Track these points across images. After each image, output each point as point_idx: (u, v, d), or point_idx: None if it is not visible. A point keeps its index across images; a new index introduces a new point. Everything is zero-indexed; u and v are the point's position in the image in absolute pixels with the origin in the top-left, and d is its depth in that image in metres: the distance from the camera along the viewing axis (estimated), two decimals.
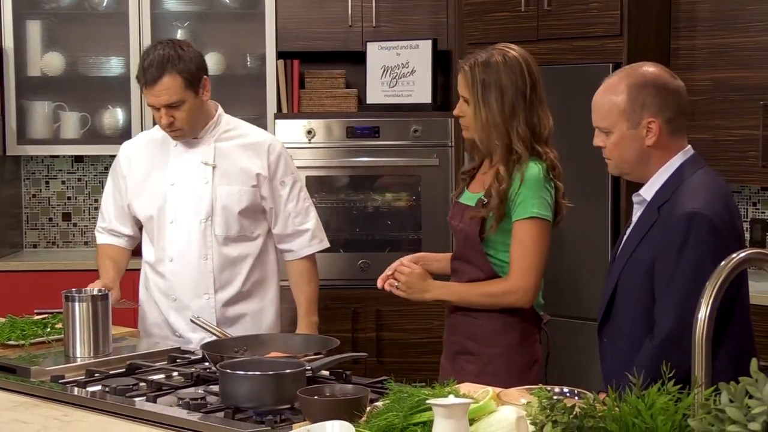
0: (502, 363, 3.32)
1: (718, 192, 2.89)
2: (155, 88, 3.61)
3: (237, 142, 3.81)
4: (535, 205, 3.28)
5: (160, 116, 3.64)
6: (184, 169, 3.75)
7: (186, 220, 3.73)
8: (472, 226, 3.34)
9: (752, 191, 5.25)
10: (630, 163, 2.96)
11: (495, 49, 3.38)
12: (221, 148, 3.77)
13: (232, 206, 3.73)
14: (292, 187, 3.84)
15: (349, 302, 5.42)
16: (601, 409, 1.96)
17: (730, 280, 2.04)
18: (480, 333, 3.35)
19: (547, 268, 3.27)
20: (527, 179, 3.28)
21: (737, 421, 1.65)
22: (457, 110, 3.43)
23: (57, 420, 2.68)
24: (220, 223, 3.73)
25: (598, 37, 4.92)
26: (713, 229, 2.78)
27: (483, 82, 3.32)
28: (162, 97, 3.61)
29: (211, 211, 3.72)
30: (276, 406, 2.57)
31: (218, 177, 3.74)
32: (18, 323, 3.44)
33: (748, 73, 4.86)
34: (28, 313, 3.67)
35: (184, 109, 3.65)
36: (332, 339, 3.06)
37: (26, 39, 5.80)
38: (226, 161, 3.76)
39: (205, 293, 3.73)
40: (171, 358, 3.21)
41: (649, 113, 2.89)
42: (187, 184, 3.74)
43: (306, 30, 5.71)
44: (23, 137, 5.76)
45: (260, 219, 3.81)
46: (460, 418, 2.02)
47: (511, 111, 3.30)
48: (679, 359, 2.54)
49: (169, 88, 3.62)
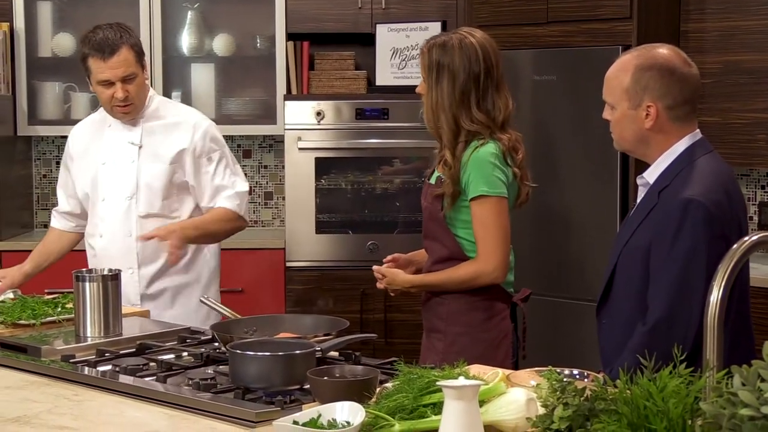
0: (467, 341, 3.40)
1: (719, 179, 2.87)
2: (113, 60, 3.72)
3: (163, 122, 3.90)
4: (483, 183, 3.33)
5: (114, 91, 3.74)
6: (115, 148, 3.88)
7: (114, 197, 3.86)
8: (435, 205, 3.42)
9: (761, 174, 5.23)
10: (629, 141, 2.95)
11: (456, 33, 3.46)
12: (149, 127, 3.88)
13: (154, 184, 3.83)
14: (218, 163, 3.89)
15: (358, 283, 5.41)
16: (613, 392, 1.95)
17: (742, 263, 2.03)
18: (446, 312, 3.45)
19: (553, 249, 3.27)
20: (475, 159, 3.34)
21: (750, 404, 1.63)
22: (418, 88, 3.49)
23: (67, 399, 2.67)
24: (143, 201, 3.83)
25: (608, 19, 4.89)
26: (709, 216, 2.76)
27: (438, 64, 3.39)
28: (119, 69, 3.73)
29: (136, 189, 3.83)
30: (285, 387, 2.56)
31: (143, 156, 3.85)
32: (29, 303, 3.43)
33: (758, 56, 4.84)
34: (39, 293, 3.67)
35: (137, 83, 3.78)
36: (342, 320, 3.05)
37: (37, 20, 5.79)
38: (153, 140, 3.86)
39: (129, 268, 3.81)
40: (181, 339, 3.21)
41: (650, 97, 2.87)
42: (116, 163, 3.86)
43: (316, 12, 5.69)
44: (34, 118, 5.77)
45: (184, 197, 3.89)
46: (471, 400, 2.00)
47: (461, 95, 3.36)
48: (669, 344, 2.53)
49: (126, 60, 3.73)
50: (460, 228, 3.40)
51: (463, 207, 3.37)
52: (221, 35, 5.81)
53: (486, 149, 3.34)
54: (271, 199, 6.12)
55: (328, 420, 2.23)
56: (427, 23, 5.58)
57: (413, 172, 5.57)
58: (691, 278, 2.75)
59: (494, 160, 3.34)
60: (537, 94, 5.11)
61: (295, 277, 5.53)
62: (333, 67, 5.75)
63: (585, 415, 1.92)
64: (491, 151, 3.34)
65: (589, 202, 4.98)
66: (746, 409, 1.63)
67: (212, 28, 5.86)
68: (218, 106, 5.85)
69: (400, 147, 5.58)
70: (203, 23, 5.85)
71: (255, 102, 5.88)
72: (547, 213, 5.01)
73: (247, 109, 5.88)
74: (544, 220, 5.04)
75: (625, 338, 2.84)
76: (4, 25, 5.65)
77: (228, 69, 5.89)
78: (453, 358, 2.61)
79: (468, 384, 2.02)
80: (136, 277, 3.84)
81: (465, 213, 3.38)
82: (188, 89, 5.81)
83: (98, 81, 3.75)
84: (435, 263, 3.48)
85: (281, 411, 2.44)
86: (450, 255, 3.43)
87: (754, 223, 5.23)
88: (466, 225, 3.39)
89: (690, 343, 2.67)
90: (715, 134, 4.82)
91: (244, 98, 5.89)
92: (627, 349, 2.80)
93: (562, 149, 5.05)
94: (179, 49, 5.82)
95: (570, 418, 1.92)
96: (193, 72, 5.83)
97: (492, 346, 3.41)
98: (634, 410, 1.86)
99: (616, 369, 2.63)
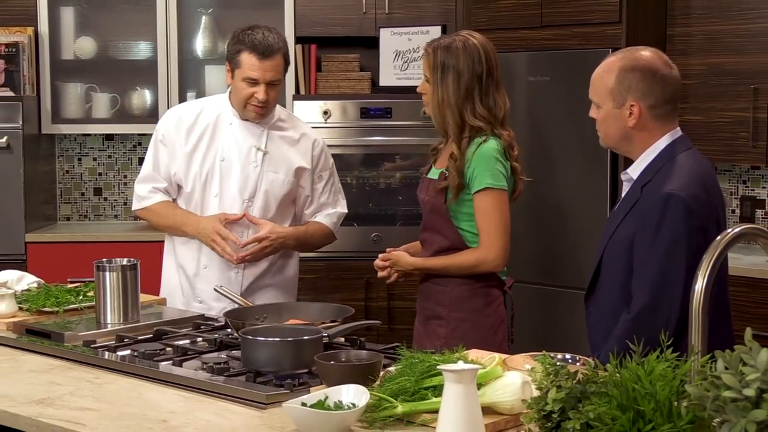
0: (469, 326, 3.41)
1: (697, 174, 2.86)
2: (268, 62, 3.60)
3: (286, 133, 3.77)
4: (489, 176, 3.35)
5: (256, 91, 3.61)
6: (237, 148, 3.71)
7: (230, 196, 3.70)
8: (438, 198, 3.42)
9: (742, 170, 5.22)
10: (613, 138, 2.95)
11: (458, 36, 3.47)
12: (273, 136, 3.75)
13: (275, 192, 3.71)
14: (327, 181, 3.84)
15: (363, 273, 5.40)
16: (603, 375, 1.95)
17: (725, 253, 2.02)
18: (448, 299, 3.44)
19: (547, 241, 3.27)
20: (480, 154, 3.36)
21: (732, 387, 1.63)
22: (420, 88, 3.51)
23: (89, 382, 2.68)
24: (259, 205, 3.70)
25: (598, 23, 4.89)
26: (688, 210, 2.76)
27: (443, 64, 3.41)
28: (270, 73, 3.61)
29: (255, 192, 3.70)
30: (294, 371, 2.56)
31: (267, 163, 3.71)
32: (52, 291, 3.43)
33: (739, 58, 4.83)
34: (62, 282, 3.67)
35: (278, 89, 3.67)
36: (347, 307, 3.05)
37: (60, 25, 5.78)
38: (276, 150, 3.73)
39: (236, 268, 3.70)
40: (195, 325, 3.21)
41: (633, 97, 2.87)
42: (237, 163, 3.70)
43: (323, 16, 5.68)
44: (57, 117, 5.76)
45: (290, 208, 3.79)
46: (469, 383, 2.00)
47: (466, 93, 3.39)
48: (652, 331, 2.54)
49: (278, 65, 3.63)
50: (463, 221, 3.41)
51: (466, 200, 3.38)
52: None
53: (489, 145, 3.36)
54: None
55: (335, 402, 2.24)
56: (428, 27, 5.57)
57: (414, 167, 5.56)
58: (672, 268, 2.75)
59: (497, 155, 3.37)
60: (532, 94, 5.11)
61: (303, 267, 5.49)
62: (339, 69, 5.74)
63: (577, 397, 1.92)
64: (494, 146, 3.37)
65: (581, 196, 4.97)
66: (729, 391, 1.63)
67: (225, 32, 5.84)
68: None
69: (403, 144, 5.57)
70: (216, 27, 5.85)
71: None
72: (541, 206, 5.01)
73: None
74: (539, 212, 5.04)
75: (611, 325, 2.84)
76: (29, 29, 5.65)
77: None
78: (455, 343, 2.62)
79: (467, 368, 2.02)
80: (240, 276, 3.71)
81: (468, 206, 3.39)
82: (202, 89, 5.80)
83: (246, 77, 3.60)
84: (435, 253, 3.48)
85: (290, 393, 2.44)
86: (451, 245, 3.43)
87: (736, 216, 5.22)
88: (469, 218, 3.40)
89: (672, 329, 2.67)
90: (700, 132, 4.82)
91: None
92: (612, 336, 2.80)
93: (555, 146, 5.04)
94: (194, 51, 5.81)
95: (563, 400, 1.92)
96: (207, 73, 5.82)
97: (491, 331, 3.42)
98: (624, 392, 1.86)
99: (603, 354, 2.64)
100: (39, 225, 5.70)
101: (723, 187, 5.12)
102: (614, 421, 1.82)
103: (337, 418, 2.17)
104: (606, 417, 1.83)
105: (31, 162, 5.58)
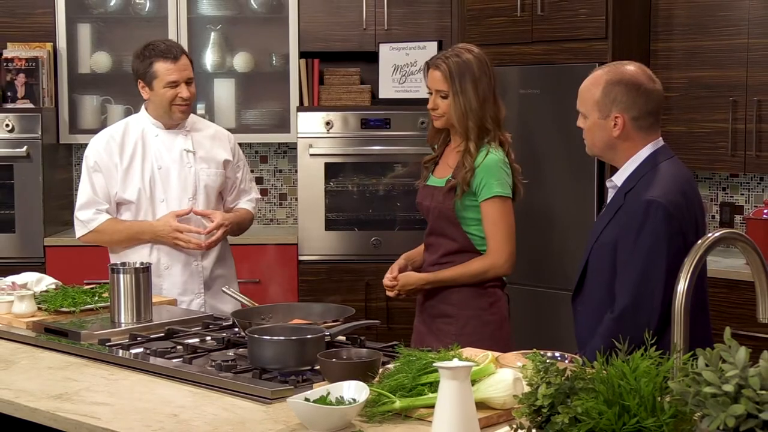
0: (477, 323, 3.41)
1: (677, 182, 2.86)
2: (180, 63, 3.76)
3: (205, 133, 3.93)
4: (496, 185, 3.37)
5: (179, 91, 3.75)
6: (170, 154, 3.83)
7: (175, 198, 3.81)
8: (446, 203, 3.42)
9: (722, 177, 5.22)
10: (599, 147, 2.95)
11: (460, 49, 3.48)
12: (195, 137, 3.90)
13: (212, 185, 3.87)
14: (243, 170, 4.01)
15: (363, 275, 5.40)
16: (590, 372, 1.94)
17: (706, 256, 2.02)
18: (456, 299, 3.43)
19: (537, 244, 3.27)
20: (487, 165, 3.37)
21: (712, 383, 1.62)
22: (431, 103, 3.49)
23: (104, 378, 2.67)
24: (202, 200, 3.84)
25: (586, 39, 4.89)
26: (668, 215, 2.76)
27: (460, 74, 3.40)
28: (185, 72, 3.77)
29: (196, 189, 3.83)
30: (298, 368, 2.55)
31: (198, 162, 3.86)
32: (69, 292, 3.43)
33: (718, 72, 4.84)
34: (79, 284, 3.66)
35: (194, 86, 3.83)
36: (348, 308, 3.05)
37: (77, 40, 5.78)
38: (202, 149, 3.88)
39: (195, 261, 3.82)
40: (205, 324, 3.20)
41: (618, 108, 2.87)
42: (173, 167, 3.83)
43: (325, 32, 5.69)
44: (74, 127, 5.76)
45: (220, 198, 3.97)
46: (464, 379, 2.00)
47: (484, 97, 3.41)
48: (634, 329, 2.54)
49: (188, 64, 3.80)
50: (471, 225, 3.41)
51: (474, 206, 3.39)
52: (241, 53, 5.80)
53: (494, 156, 3.38)
54: (285, 200, 6.11)
55: (336, 397, 2.23)
56: (425, 42, 5.57)
57: (412, 175, 5.55)
58: (653, 271, 2.75)
59: (503, 165, 3.40)
60: (523, 105, 5.10)
61: (306, 270, 5.51)
62: (340, 82, 5.74)
63: (566, 392, 1.91)
64: (499, 157, 3.39)
65: (569, 202, 4.97)
66: (709, 387, 1.62)
67: (233, 47, 5.85)
68: (238, 116, 5.85)
69: (401, 153, 5.56)
70: (225, 43, 5.85)
71: (271, 113, 5.87)
72: (531, 211, 5.00)
73: (264, 120, 5.87)
74: (529, 217, 5.03)
75: (596, 324, 2.84)
76: (48, 44, 5.65)
77: (247, 83, 5.88)
78: (466, 339, 2.61)
79: (461, 365, 2.02)
80: (200, 268, 3.84)
81: (474, 212, 3.40)
82: (211, 102, 5.80)
83: (166, 83, 3.73)
84: (443, 256, 3.47)
85: (294, 389, 2.44)
86: (460, 248, 3.44)
87: (716, 221, 5.22)
88: (477, 222, 3.41)
89: (653, 328, 2.67)
90: (681, 142, 4.82)
91: (261, 110, 5.88)
92: (597, 335, 2.80)
93: (545, 154, 5.04)
94: (203, 65, 5.81)
95: (552, 396, 1.91)
96: (216, 86, 5.82)
97: (498, 327, 3.43)
98: (610, 388, 1.85)
99: (589, 351, 2.64)
100: (57, 230, 5.70)
101: (703, 194, 5.12)
102: (601, 415, 1.81)
103: (338, 412, 2.17)
104: (593, 411, 1.82)
105: (49, 170, 5.58)
